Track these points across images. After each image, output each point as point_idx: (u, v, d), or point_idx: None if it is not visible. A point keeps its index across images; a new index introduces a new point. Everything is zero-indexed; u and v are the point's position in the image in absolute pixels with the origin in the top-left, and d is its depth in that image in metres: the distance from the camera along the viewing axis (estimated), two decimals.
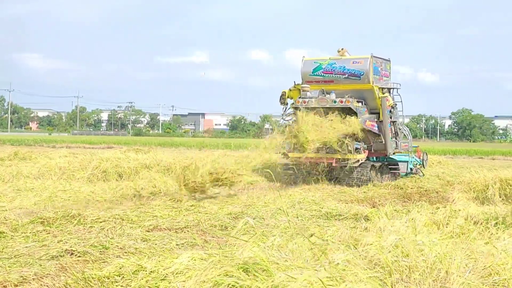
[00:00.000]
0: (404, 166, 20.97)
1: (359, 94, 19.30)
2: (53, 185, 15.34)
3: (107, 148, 46.89)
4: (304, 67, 20.06)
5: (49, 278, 6.93)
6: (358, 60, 19.43)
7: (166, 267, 6.39)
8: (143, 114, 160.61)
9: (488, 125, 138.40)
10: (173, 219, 11.17)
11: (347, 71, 19.35)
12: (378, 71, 19.80)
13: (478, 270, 6.20)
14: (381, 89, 19.76)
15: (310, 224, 10.80)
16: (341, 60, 19.69)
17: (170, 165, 18.60)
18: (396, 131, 20.37)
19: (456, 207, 11.75)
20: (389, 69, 20.77)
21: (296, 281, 4.94)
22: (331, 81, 19.59)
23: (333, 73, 19.54)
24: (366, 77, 19.15)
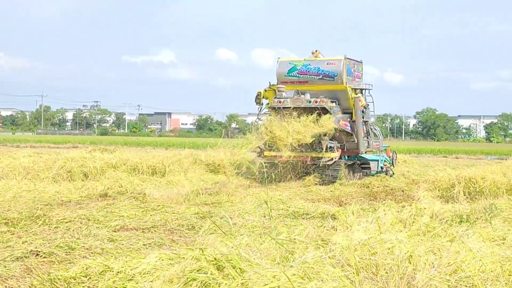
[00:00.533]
0: (375, 165, 21.44)
1: (333, 94, 19.80)
2: (17, 185, 15.10)
3: (73, 147, 46.42)
4: (280, 68, 20.44)
5: (14, 279, 6.83)
6: (332, 62, 19.89)
7: (133, 267, 6.35)
8: (108, 114, 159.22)
9: (452, 124, 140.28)
10: (140, 219, 11.09)
11: (321, 72, 19.84)
12: (351, 72, 20.32)
13: (443, 267, 6.27)
14: (354, 89, 20.23)
15: (278, 223, 10.81)
16: (315, 61, 20.12)
17: (136, 165, 18.47)
18: (368, 130, 20.92)
19: (422, 206, 11.86)
20: (361, 70, 21.35)
21: (265, 277, 4.95)
22: (305, 82, 20.06)
23: (307, 74, 20.01)
24: (339, 78, 19.65)
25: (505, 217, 10.40)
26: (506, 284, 6.02)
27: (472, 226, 9.35)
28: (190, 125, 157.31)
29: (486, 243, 7.83)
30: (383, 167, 21.98)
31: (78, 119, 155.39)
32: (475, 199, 13.87)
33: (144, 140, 71.40)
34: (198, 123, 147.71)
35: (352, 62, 20.57)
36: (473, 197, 14.16)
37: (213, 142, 53.43)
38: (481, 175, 14.70)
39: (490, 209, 11.20)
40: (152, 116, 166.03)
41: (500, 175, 15.15)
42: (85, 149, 27.23)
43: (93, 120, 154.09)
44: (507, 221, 10.04)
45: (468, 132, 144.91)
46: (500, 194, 14.21)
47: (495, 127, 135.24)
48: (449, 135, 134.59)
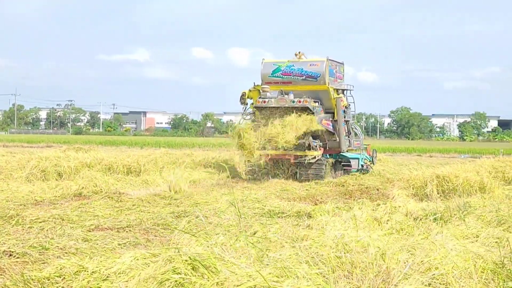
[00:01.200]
0: (356, 163, 22.14)
1: (316, 94, 20.49)
2: None
3: (46, 147, 46.02)
4: (264, 69, 21.07)
5: None
6: (315, 63, 20.60)
7: (108, 267, 6.29)
8: (83, 113, 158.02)
9: (426, 123, 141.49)
10: (114, 218, 11.03)
11: (305, 73, 20.55)
12: (333, 73, 21.07)
13: (418, 265, 6.32)
14: (336, 90, 21.01)
15: (253, 222, 10.82)
16: (298, 62, 20.78)
17: (111, 164, 18.36)
18: (349, 129, 21.72)
19: (396, 204, 11.95)
20: (342, 71, 22.17)
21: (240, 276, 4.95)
22: (289, 82, 20.73)
23: (291, 74, 20.69)
24: (322, 79, 20.38)
25: (478, 214, 10.50)
26: (479, 281, 6.07)
27: (446, 224, 9.44)
28: (166, 124, 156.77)
29: (459, 241, 7.91)
30: (364, 165, 22.64)
31: (52, 118, 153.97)
32: (448, 197, 13.99)
33: (119, 139, 70.96)
34: (174, 122, 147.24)
35: (334, 64, 21.25)
36: (447, 195, 14.29)
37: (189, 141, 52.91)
38: (454, 174, 14.85)
39: (464, 207, 11.32)
40: (127, 115, 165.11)
41: (473, 173, 15.33)
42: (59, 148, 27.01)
43: (67, 119, 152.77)
44: (480, 219, 10.14)
45: (442, 131, 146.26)
46: (473, 192, 14.36)
47: (468, 126, 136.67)
48: (423, 133, 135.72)
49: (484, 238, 8.51)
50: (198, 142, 60.39)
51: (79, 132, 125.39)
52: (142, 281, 5.70)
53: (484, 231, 8.92)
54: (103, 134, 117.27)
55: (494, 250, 7.29)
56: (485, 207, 11.56)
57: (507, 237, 8.24)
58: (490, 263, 6.55)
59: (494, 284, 6.02)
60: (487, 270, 6.37)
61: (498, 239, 8.39)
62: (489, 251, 7.15)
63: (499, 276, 6.21)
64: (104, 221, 10.70)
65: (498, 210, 10.79)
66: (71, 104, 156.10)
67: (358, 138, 22.73)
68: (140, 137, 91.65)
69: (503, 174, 17.87)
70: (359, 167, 22.21)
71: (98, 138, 75.92)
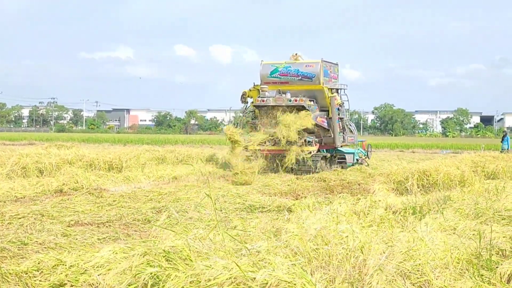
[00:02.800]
0: (351, 157, 23.34)
1: (311, 94, 21.92)
2: None
3: (29, 144, 45.78)
4: (263, 70, 22.57)
5: None
6: (310, 64, 22.03)
7: (87, 261, 6.30)
8: (66, 110, 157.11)
9: (409, 119, 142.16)
10: (95, 214, 11.03)
11: (301, 74, 21.98)
12: (327, 73, 22.45)
13: (395, 255, 6.38)
14: (330, 89, 22.42)
15: (234, 216, 10.86)
16: (295, 64, 22.23)
17: (93, 161, 18.30)
18: (343, 126, 23.11)
19: (377, 198, 12.03)
20: (337, 71, 23.57)
21: (215, 268, 4.98)
22: (286, 83, 22.17)
23: (288, 75, 22.14)
24: (317, 79, 21.81)
25: (457, 208, 10.60)
26: (454, 271, 6.15)
27: (424, 217, 9.52)
28: (149, 121, 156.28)
29: (437, 233, 7.99)
30: (359, 159, 24.00)
31: (35, 116, 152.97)
32: (429, 191, 14.11)
33: (102, 136, 70.71)
34: (157, 120, 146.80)
35: (329, 65, 22.66)
36: (427, 189, 14.40)
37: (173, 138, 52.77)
38: (434, 168, 14.97)
39: (443, 200, 11.42)
40: (111, 113, 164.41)
41: (454, 168, 15.44)
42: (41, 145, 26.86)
43: (50, 117, 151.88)
44: (458, 212, 10.23)
45: (425, 127, 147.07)
46: (453, 186, 14.48)
47: (451, 122, 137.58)
48: (406, 130, 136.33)
49: (461, 230, 8.61)
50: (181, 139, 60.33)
51: (62, 130, 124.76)
52: (119, 274, 5.72)
53: (461, 223, 9.02)
54: (86, 131, 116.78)
55: (470, 242, 7.38)
56: (464, 200, 11.66)
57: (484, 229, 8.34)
58: (466, 254, 6.64)
59: (468, 274, 6.10)
60: (462, 260, 6.46)
61: (475, 231, 8.49)
62: (465, 243, 7.24)
63: (474, 267, 6.29)
64: (84, 216, 10.69)
65: (476, 203, 10.90)
66: (53, 102, 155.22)
67: (352, 134, 24.07)
68: (124, 135, 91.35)
69: (483, 168, 18.02)
70: (354, 161, 23.30)
71: (81, 135, 75.63)
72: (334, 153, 22.98)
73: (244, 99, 22.84)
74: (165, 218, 9.38)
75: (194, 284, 4.96)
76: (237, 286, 4.84)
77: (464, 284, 5.74)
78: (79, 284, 5.85)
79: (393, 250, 6.54)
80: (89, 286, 5.80)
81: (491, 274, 6.13)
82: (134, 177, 17.53)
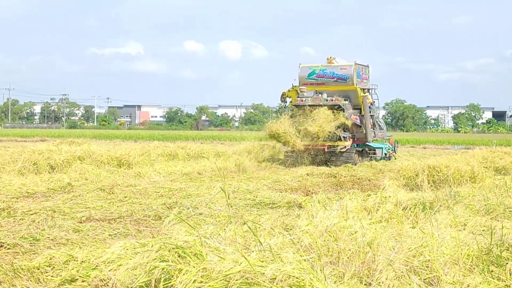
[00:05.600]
0: (380, 152, 25.46)
1: (345, 94, 24.07)
2: None
3: (40, 141, 45.99)
4: (301, 72, 24.81)
5: None
6: (345, 67, 24.26)
7: (98, 257, 6.37)
8: (77, 107, 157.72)
9: (420, 115, 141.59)
10: (106, 210, 11.08)
11: (336, 76, 24.17)
12: (360, 75, 24.56)
13: (404, 251, 6.39)
14: (363, 89, 24.47)
15: (244, 212, 10.89)
16: (330, 66, 24.45)
17: (103, 157, 18.39)
18: (374, 123, 25.10)
19: (387, 194, 12.00)
20: (368, 73, 25.60)
21: (225, 261, 5.02)
22: (322, 84, 24.33)
23: (324, 77, 24.31)
24: (351, 80, 23.94)
25: (467, 204, 10.59)
26: (464, 267, 6.16)
27: (435, 213, 9.52)
28: (160, 117, 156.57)
29: (447, 229, 8.00)
30: (387, 153, 25.98)
31: (46, 112, 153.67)
32: (439, 187, 14.09)
33: (113, 133, 70.95)
34: (168, 116, 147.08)
35: (361, 67, 24.78)
36: (438, 185, 14.38)
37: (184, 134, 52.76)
38: (445, 164, 14.94)
39: (453, 196, 11.41)
40: (122, 109, 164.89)
41: (464, 164, 15.41)
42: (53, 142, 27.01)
43: (62, 113, 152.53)
44: (469, 208, 10.23)
45: (437, 123, 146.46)
46: (464, 182, 14.45)
47: (463, 118, 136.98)
48: (418, 125, 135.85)
49: (472, 226, 8.60)
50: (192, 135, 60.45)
51: (74, 126, 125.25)
52: (130, 270, 5.77)
53: (471, 219, 9.02)
54: (98, 128, 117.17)
55: (480, 238, 7.38)
56: (474, 196, 11.65)
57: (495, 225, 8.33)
58: (476, 250, 6.63)
59: (478, 270, 6.10)
60: (472, 257, 6.46)
61: (485, 227, 8.49)
62: (475, 239, 7.23)
63: (483, 263, 6.29)
64: (95, 212, 10.75)
65: (487, 199, 10.88)
66: (65, 98, 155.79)
67: (382, 130, 26.12)
68: (135, 131, 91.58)
69: (494, 164, 17.98)
70: (383, 155, 25.44)
71: (92, 132, 75.91)
72: (365, 147, 24.96)
73: (283, 98, 24.99)
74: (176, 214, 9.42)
75: (205, 278, 5.00)
76: (246, 280, 4.87)
77: (473, 280, 5.75)
78: (90, 279, 5.92)
79: (403, 246, 6.55)
80: (100, 281, 5.86)
81: (501, 271, 6.12)
82: (145, 173, 17.60)
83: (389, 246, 6.47)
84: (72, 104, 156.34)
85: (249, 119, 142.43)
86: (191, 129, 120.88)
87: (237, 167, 20.12)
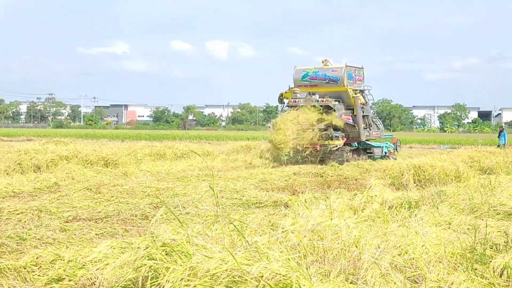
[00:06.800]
0: (379, 150, 26.33)
1: (337, 95, 24.90)
2: None
3: (27, 140, 45.78)
4: (295, 75, 25.79)
5: None
6: (335, 69, 25.06)
7: (85, 256, 6.38)
8: (63, 106, 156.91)
9: (407, 114, 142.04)
10: (93, 209, 11.07)
11: (328, 78, 25.03)
12: (352, 76, 25.36)
13: (390, 250, 6.45)
14: (354, 90, 25.25)
15: (231, 211, 10.92)
16: (323, 69, 25.32)
17: (89, 157, 18.34)
18: (369, 123, 25.88)
19: (373, 193, 12.07)
20: (362, 74, 26.30)
21: (212, 260, 5.05)
22: (315, 85, 25.21)
23: (317, 79, 25.22)
24: (341, 82, 24.76)
25: (452, 203, 10.68)
26: (448, 265, 6.23)
27: (420, 212, 9.59)
28: (147, 117, 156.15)
29: (432, 228, 8.07)
30: (387, 152, 26.70)
31: (33, 111, 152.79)
32: (424, 186, 14.19)
33: (100, 132, 70.72)
34: (155, 115, 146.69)
35: (353, 69, 25.53)
36: (423, 185, 14.49)
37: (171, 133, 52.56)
38: (430, 164, 15.06)
39: (438, 195, 11.50)
40: (109, 109, 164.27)
41: (449, 163, 15.54)
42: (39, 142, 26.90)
43: (48, 112, 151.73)
44: (453, 207, 10.32)
45: (423, 122, 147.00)
46: (449, 181, 14.58)
47: (449, 117, 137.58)
48: (404, 125, 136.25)
49: (456, 225, 8.70)
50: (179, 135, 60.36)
51: (60, 126, 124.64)
52: (117, 268, 5.79)
53: (456, 218, 9.11)
54: (84, 127, 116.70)
55: (464, 237, 7.46)
56: (459, 195, 11.75)
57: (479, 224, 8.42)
58: (460, 248, 6.71)
59: (462, 268, 6.17)
60: (456, 255, 6.54)
61: (469, 226, 8.58)
62: (459, 237, 7.31)
63: (467, 261, 6.37)
64: (82, 212, 10.74)
65: (471, 198, 10.98)
66: (51, 98, 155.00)
67: (378, 130, 26.75)
68: (122, 130, 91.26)
69: (479, 163, 18.12)
70: (382, 154, 26.18)
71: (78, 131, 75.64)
72: (362, 146, 25.93)
73: (280, 99, 26.14)
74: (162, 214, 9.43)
75: (191, 276, 5.04)
76: (233, 278, 4.91)
77: (457, 277, 5.81)
78: (77, 278, 5.93)
79: (388, 245, 6.61)
80: (87, 280, 5.87)
81: (484, 268, 6.20)
82: (132, 172, 17.57)
83: (374, 245, 6.52)
84: (58, 103, 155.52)
85: (236, 118, 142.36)
86: (178, 128, 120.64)
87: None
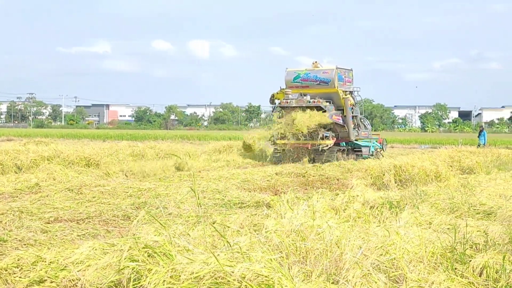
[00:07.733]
0: (367, 150, 27.05)
1: (328, 96, 25.78)
2: None
3: (7, 140, 45.40)
4: (287, 76, 26.73)
5: None
6: (326, 71, 26.02)
7: (66, 257, 6.34)
8: (44, 106, 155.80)
9: (388, 114, 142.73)
10: (74, 210, 11.03)
11: (318, 79, 25.94)
12: (342, 78, 26.38)
13: (371, 250, 6.50)
14: (345, 91, 26.23)
15: (213, 212, 10.93)
16: (314, 70, 26.27)
17: (71, 157, 18.25)
18: (358, 123, 26.85)
19: (354, 193, 12.13)
20: (351, 76, 27.39)
21: (195, 262, 5.06)
22: (307, 87, 26.14)
23: (308, 80, 26.12)
24: (332, 84, 25.70)
25: (432, 202, 10.77)
26: (428, 265, 6.29)
27: (401, 212, 9.66)
28: (129, 117, 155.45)
29: (412, 228, 8.13)
30: (374, 151, 27.48)
31: (13, 111, 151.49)
32: (405, 186, 14.29)
33: (81, 132, 70.37)
34: (137, 115, 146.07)
35: (343, 70, 26.56)
36: (404, 184, 14.59)
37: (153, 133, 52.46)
38: (410, 163, 15.17)
39: (419, 195, 11.59)
40: (90, 108, 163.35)
41: (429, 163, 15.65)
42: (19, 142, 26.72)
43: (28, 112, 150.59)
44: (434, 207, 10.41)
45: (404, 122, 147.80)
46: (429, 181, 14.69)
47: (430, 117, 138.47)
48: (385, 125, 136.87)
49: (437, 225, 8.77)
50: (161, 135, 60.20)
51: (41, 126, 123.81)
52: (99, 270, 5.78)
53: (436, 218, 9.19)
54: (65, 127, 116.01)
55: (445, 236, 7.53)
56: (439, 195, 11.84)
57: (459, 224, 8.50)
58: (440, 248, 6.77)
59: (442, 268, 6.23)
60: (436, 254, 6.60)
61: (450, 225, 8.66)
62: (440, 237, 7.38)
63: (448, 260, 6.43)
64: (63, 213, 10.70)
65: (452, 198, 11.08)
66: (32, 97, 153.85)
67: (366, 130, 27.65)
68: (103, 130, 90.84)
69: (459, 163, 18.28)
70: (369, 153, 26.87)
71: (60, 131, 75.14)
72: (351, 146, 26.67)
73: (272, 100, 26.84)
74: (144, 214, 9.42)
75: (174, 278, 5.04)
76: (216, 280, 4.93)
77: (438, 277, 5.87)
78: (59, 280, 5.90)
79: (369, 245, 6.66)
80: (69, 282, 5.85)
81: (464, 268, 6.26)
82: (113, 173, 17.51)
83: (356, 245, 6.57)
84: (39, 103, 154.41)
85: (218, 118, 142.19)
86: (160, 128, 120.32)
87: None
